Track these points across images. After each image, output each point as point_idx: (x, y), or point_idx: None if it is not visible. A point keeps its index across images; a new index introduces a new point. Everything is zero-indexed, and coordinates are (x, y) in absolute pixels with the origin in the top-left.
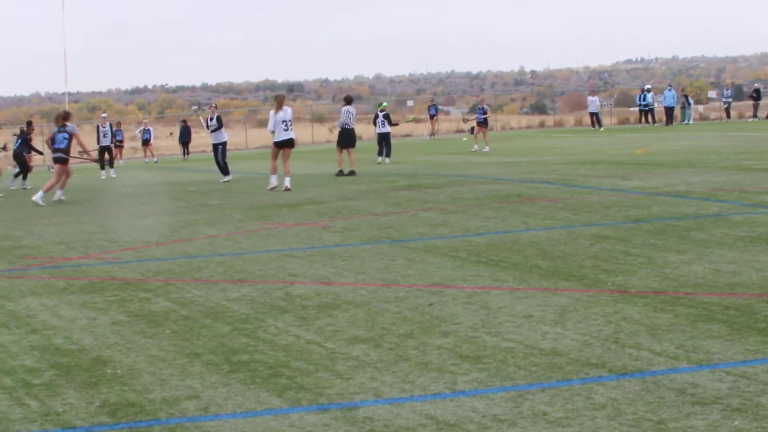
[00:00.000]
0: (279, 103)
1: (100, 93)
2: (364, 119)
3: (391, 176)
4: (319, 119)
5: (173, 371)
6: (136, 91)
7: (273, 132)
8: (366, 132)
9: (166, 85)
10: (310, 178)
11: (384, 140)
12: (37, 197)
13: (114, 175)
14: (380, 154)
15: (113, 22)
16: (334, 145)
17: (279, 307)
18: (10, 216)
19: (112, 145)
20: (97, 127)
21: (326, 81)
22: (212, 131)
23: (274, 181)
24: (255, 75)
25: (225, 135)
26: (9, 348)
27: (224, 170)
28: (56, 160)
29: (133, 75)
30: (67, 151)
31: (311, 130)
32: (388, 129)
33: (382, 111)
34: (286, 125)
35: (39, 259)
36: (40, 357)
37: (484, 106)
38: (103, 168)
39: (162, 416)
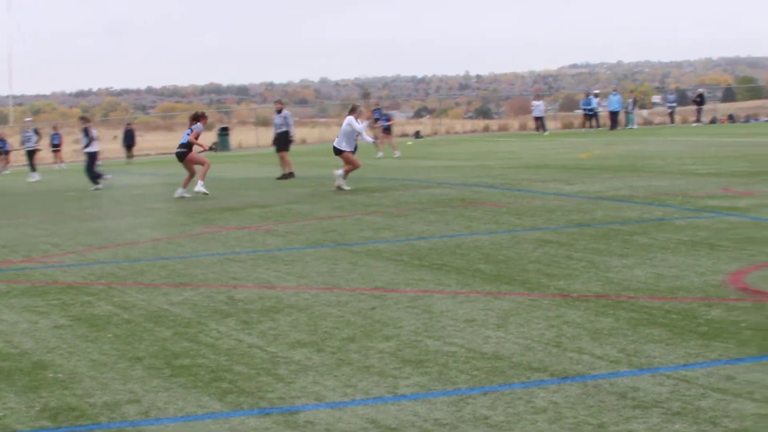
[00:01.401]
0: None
1: (44, 96)
2: (309, 123)
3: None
4: (264, 123)
5: (115, 375)
6: (81, 94)
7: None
8: (310, 135)
9: (111, 88)
10: (254, 181)
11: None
12: None
13: (36, 179)
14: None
15: (58, 26)
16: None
17: (221, 311)
18: None
19: (40, 148)
20: (21, 131)
21: (271, 84)
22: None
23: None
24: (200, 78)
25: (96, 146)
26: None
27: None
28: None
29: (78, 78)
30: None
31: (256, 134)
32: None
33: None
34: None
35: None
36: None
37: (388, 112)
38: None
39: (103, 420)
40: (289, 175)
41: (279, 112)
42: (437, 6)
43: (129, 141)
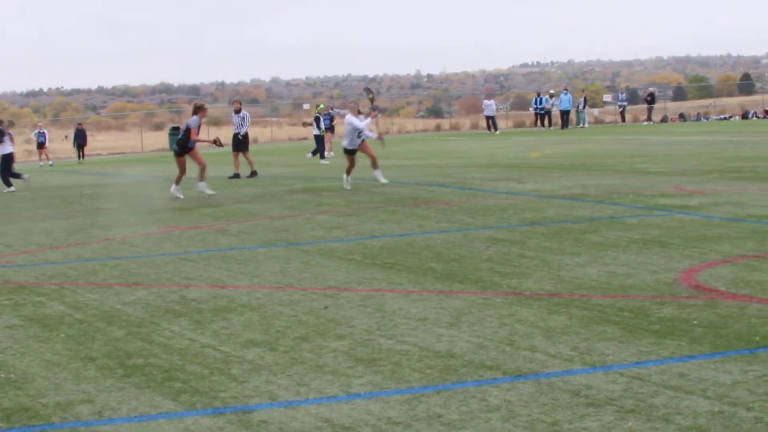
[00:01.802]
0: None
1: None
2: (261, 122)
3: (288, 179)
4: (215, 122)
5: (67, 375)
6: (31, 94)
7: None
8: (262, 135)
9: (62, 88)
10: (207, 182)
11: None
12: None
13: None
14: (315, 153)
15: (7, 25)
16: (228, 148)
17: (174, 310)
18: None
19: None
20: None
21: (222, 84)
22: None
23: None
24: (151, 78)
25: (10, 147)
26: None
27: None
28: None
29: (28, 78)
30: None
31: (207, 133)
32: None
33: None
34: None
35: None
36: None
37: (331, 111)
38: None
39: (56, 421)
40: (252, 174)
41: (238, 111)
42: (387, 5)
43: (80, 141)
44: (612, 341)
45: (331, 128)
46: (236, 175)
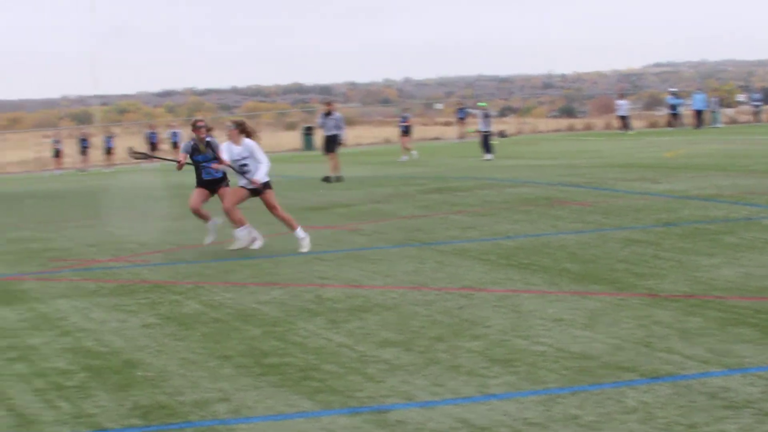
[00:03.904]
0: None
1: (129, 96)
2: (392, 122)
3: (420, 179)
4: (348, 123)
5: (204, 374)
6: (166, 94)
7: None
8: (393, 134)
9: (195, 87)
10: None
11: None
12: None
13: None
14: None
15: (144, 26)
16: (373, 147)
17: (309, 309)
18: (40, 218)
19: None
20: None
21: (354, 84)
22: None
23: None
24: (284, 78)
25: None
26: (41, 350)
27: None
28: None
29: (162, 78)
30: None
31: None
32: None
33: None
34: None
35: (69, 261)
36: (71, 359)
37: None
38: None
39: (193, 419)
40: (336, 179)
41: (329, 114)
42: (520, 5)
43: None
44: (749, 343)
45: (406, 130)
46: (338, 178)
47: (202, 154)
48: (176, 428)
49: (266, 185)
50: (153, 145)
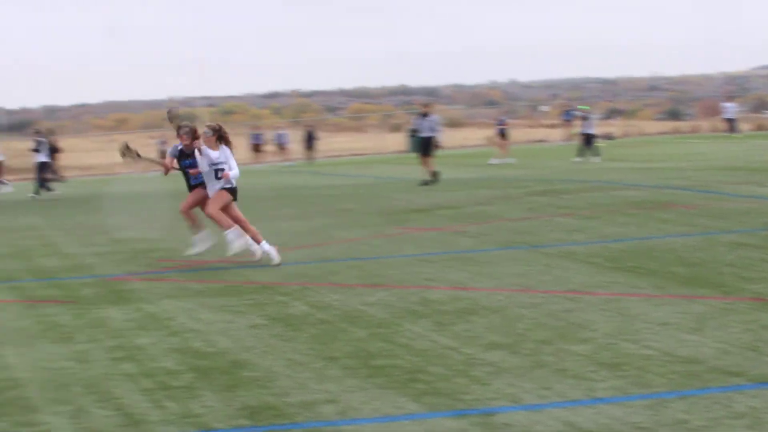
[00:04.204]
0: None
1: (235, 97)
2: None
3: (525, 181)
4: (454, 124)
5: (311, 375)
6: (271, 96)
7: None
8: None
9: (301, 89)
10: (443, 183)
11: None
12: None
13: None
14: (584, 155)
15: (250, 28)
16: (478, 150)
17: (415, 311)
18: (147, 218)
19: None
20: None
21: (460, 86)
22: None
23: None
24: (389, 80)
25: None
26: (148, 350)
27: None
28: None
29: (269, 80)
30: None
31: (446, 136)
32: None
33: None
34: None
35: (176, 262)
36: (178, 359)
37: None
38: None
39: (300, 420)
40: (431, 181)
41: (425, 115)
42: (626, 6)
43: (309, 142)
44: None
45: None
46: (433, 179)
47: (189, 159)
48: (283, 429)
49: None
50: (257, 147)
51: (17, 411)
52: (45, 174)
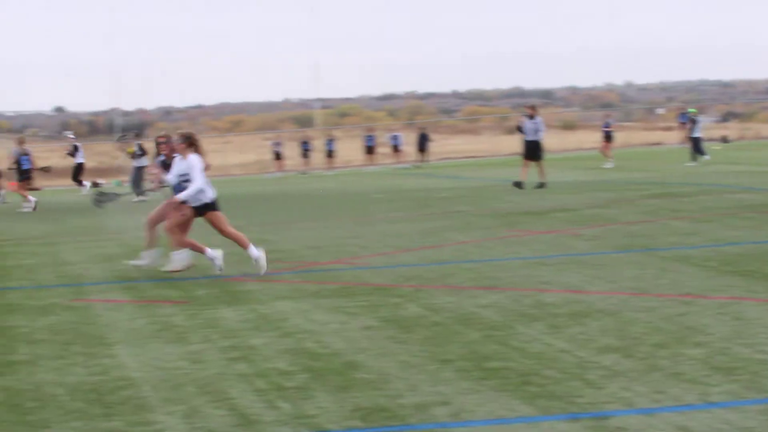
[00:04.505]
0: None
1: (351, 99)
2: (614, 127)
3: (642, 184)
4: (569, 127)
5: (424, 377)
6: (386, 98)
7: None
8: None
9: (416, 91)
10: (558, 185)
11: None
12: None
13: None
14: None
15: (363, 31)
16: (593, 152)
17: (529, 314)
18: (262, 219)
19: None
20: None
21: (575, 88)
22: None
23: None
24: (504, 82)
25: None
26: (262, 351)
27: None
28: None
29: (384, 82)
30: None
31: (560, 138)
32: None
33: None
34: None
35: (291, 263)
36: (292, 360)
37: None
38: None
39: (413, 422)
40: (523, 185)
41: (530, 117)
42: (743, 7)
43: (422, 144)
44: None
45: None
46: (518, 184)
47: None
48: (396, 431)
49: (206, 207)
50: (370, 149)
51: (131, 410)
52: (141, 178)
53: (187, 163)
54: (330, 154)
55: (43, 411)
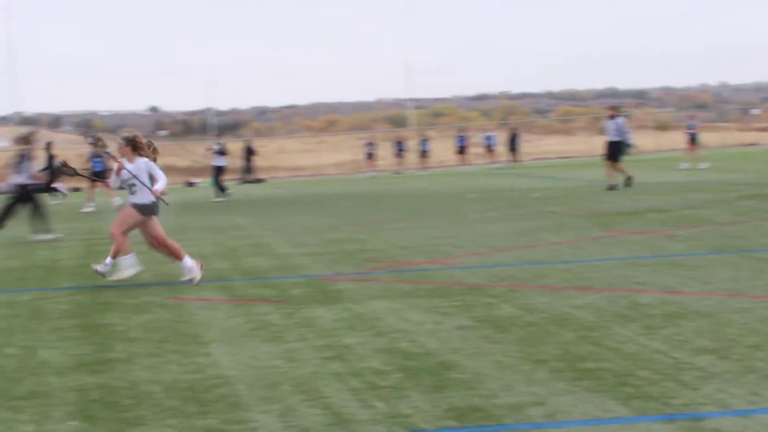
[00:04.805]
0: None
1: (444, 99)
2: (709, 127)
3: (737, 185)
4: (663, 127)
5: (518, 377)
6: (480, 98)
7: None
8: (711, 140)
9: (509, 91)
10: (651, 186)
11: None
12: None
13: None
14: None
15: (457, 30)
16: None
17: (624, 315)
18: (356, 219)
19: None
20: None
21: (669, 88)
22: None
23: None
24: (598, 82)
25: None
26: (356, 350)
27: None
28: None
29: (477, 81)
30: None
31: (653, 138)
32: None
33: None
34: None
35: (385, 263)
36: (386, 359)
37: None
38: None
39: (507, 422)
40: (611, 188)
41: (612, 118)
42: None
43: (513, 144)
44: None
45: (692, 138)
46: (622, 184)
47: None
48: (490, 431)
49: (149, 210)
50: (461, 149)
51: (226, 408)
52: (222, 176)
53: (136, 166)
54: (423, 154)
55: (139, 408)
